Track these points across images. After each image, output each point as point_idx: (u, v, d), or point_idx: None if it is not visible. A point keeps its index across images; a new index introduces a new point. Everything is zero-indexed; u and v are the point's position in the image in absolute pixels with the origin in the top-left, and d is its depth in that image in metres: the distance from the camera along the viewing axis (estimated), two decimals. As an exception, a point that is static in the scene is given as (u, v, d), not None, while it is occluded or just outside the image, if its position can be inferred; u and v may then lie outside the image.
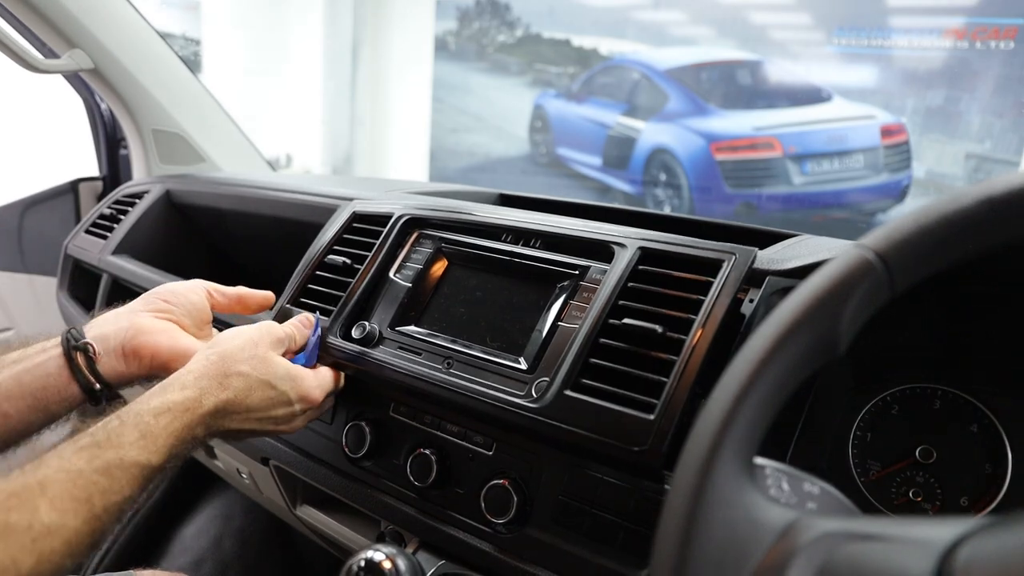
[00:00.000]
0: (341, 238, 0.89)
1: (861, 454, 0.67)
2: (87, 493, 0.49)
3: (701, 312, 0.61)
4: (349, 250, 0.87)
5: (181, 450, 0.58)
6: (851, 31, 3.05)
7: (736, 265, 0.63)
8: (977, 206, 0.37)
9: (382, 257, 0.83)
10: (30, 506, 0.46)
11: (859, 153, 3.15)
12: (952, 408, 0.66)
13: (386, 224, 0.86)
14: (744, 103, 3.36)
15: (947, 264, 0.38)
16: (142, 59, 1.33)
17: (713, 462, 0.34)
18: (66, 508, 0.48)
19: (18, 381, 0.64)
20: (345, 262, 0.85)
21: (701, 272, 0.64)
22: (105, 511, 0.50)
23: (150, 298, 0.73)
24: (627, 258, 0.68)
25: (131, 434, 0.54)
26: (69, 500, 0.48)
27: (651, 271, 0.67)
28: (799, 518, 0.34)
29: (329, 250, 0.88)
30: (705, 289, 0.63)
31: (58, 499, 0.48)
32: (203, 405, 0.59)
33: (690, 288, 0.64)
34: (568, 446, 0.62)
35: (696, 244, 0.67)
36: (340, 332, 0.78)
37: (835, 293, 0.36)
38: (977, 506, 0.62)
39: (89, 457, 0.51)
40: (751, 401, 0.35)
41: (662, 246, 0.68)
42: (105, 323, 0.69)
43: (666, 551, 0.33)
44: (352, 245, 0.88)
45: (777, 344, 0.35)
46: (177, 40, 4.04)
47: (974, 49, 2.78)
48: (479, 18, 4.33)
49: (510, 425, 0.65)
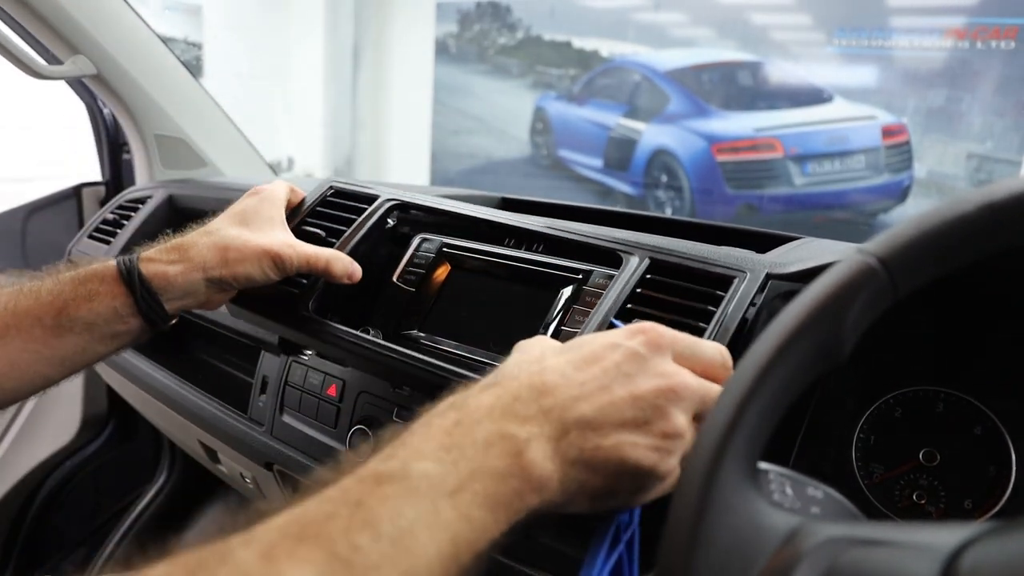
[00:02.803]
0: (315, 210, 0.87)
1: (864, 457, 0.67)
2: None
3: (712, 323, 0.61)
4: (323, 223, 0.84)
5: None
6: (852, 31, 3.05)
7: (748, 281, 0.63)
8: (979, 211, 0.37)
9: (359, 238, 0.81)
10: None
11: (860, 154, 3.15)
12: (955, 411, 0.65)
13: (370, 203, 0.85)
14: (745, 104, 3.36)
15: (949, 269, 0.38)
16: (144, 64, 1.33)
17: (717, 469, 0.34)
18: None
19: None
20: (318, 234, 0.82)
21: (711, 286, 0.64)
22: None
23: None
24: (634, 267, 0.68)
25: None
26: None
27: (659, 280, 0.67)
28: (803, 523, 0.34)
29: (303, 220, 0.85)
30: (715, 300, 0.63)
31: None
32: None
33: (699, 298, 0.64)
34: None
35: (707, 258, 0.67)
36: (313, 307, 0.77)
37: (837, 299, 0.36)
38: (981, 509, 0.62)
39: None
40: (754, 408, 0.35)
41: (672, 258, 0.68)
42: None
43: (671, 558, 0.34)
44: (325, 219, 0.85)
45: (780, 350, 0.36)
46: (179, 44, 4.05)
47: (975, 49, 2.78)
48: (480, 20, 4.33)
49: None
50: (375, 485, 0.36)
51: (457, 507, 0.36)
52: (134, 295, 0.65)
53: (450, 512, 0.36)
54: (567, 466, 0.40)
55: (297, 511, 0.34)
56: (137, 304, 0.65)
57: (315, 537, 0.33)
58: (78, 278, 0.65)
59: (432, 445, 0.38)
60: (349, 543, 0.33)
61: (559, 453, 0.40)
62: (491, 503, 0.37)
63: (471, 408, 0.41)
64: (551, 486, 0.40)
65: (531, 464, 0.39)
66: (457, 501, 0.36)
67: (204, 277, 0.68)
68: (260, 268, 0.69)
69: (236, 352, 1.12)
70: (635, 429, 0.42)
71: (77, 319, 0.64)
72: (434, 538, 0.35)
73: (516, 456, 0.39)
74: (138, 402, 1.28)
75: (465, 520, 0.36)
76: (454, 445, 0.38)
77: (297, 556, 0.32)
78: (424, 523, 0.35)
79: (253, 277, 0.69)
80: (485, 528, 0.37)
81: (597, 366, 0.44)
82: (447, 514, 0.36)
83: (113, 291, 0.65)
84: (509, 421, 0.40)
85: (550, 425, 0.41)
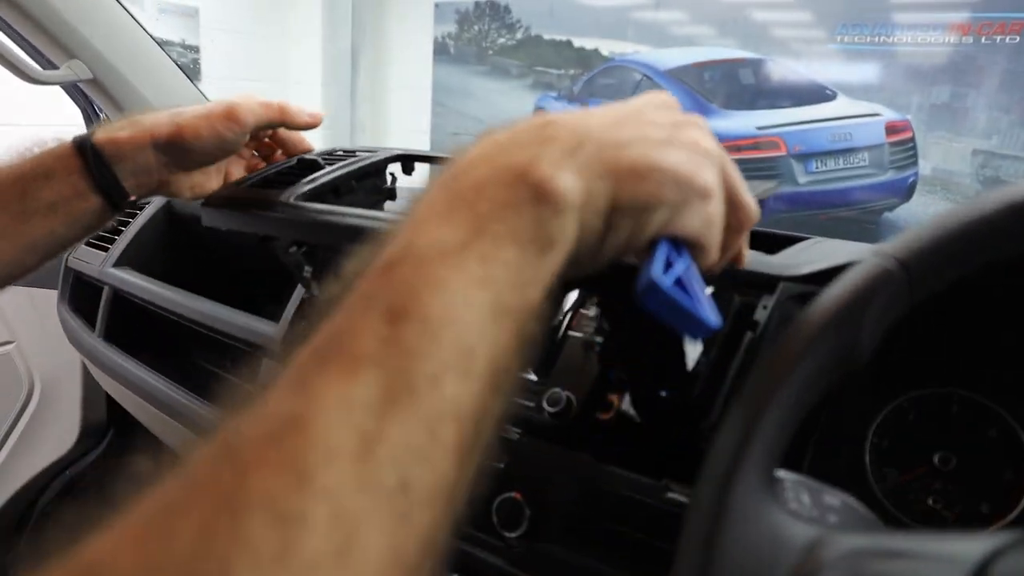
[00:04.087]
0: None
1: (878, 461, 0.66)
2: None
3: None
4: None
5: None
6: (854, 28, 3.04)
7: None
8: (999, 212, 0.36)
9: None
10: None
11: (864, 151, 3.14)
12: (970, 413, 0.64)
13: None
14: (747, 102, 3.35)
15: (968, 271, 0.37)
16: (140, 68, 1.32)
17: (734, 478, 0.33)
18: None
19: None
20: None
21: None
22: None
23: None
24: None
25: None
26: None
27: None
28: (823, 534, 0.33)
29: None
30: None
31: None
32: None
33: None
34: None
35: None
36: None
37: (857, 303, 0.36)
38: (999, 514, 0.61)
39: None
40: (772, 415, 0.34)
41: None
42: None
43: (687, 572, 0.33)
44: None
45: (799, 357, 0.35)
46: (175, 48, 4.05)
47: (979, 44, 2.77)
48: (479, 21, 4.33)
49: (522, 437, 0.64)
50: (390, 269, 0.30)
51: (483, 259, 0.31)
52: (88, 167, 0.63)
53: (477, 268, 0.30)
54: (589, 179, 0.34)
55: (322, 332, 0.29)
56: (93, 177, 0.63)
57: (351, 356, 0.27)
58: (36, 157, 0.64)
59: (435, 211, 0.33)
60: (392, 349, 0.28)
61: (575, 164, 0.34)
62: (514, 239, 0.31)
63: (464, 163, 0.35)
64: (573, 201, 0.33)
65: (542, 180, 0.32)
66: (477, 253, 0.31)
67: (152, 142, 0.64)
68: (210, 125, 0.65)
69: (237, 359, 1.11)
70: (660, 144, 0.35)
71: (40, 200, 0.62)
72: (472, 300, 0.30)
73: (519, 178, 0.32)
74: (137, 410, 1.27)
75: (500, 265, 0.31)
76: (454, 199, 0.33)
77: (348, 374, 0.27)
78: (455, 289, 0.29)
79: (202, 135, 0.65)
80: (522, 269, 0.32)
81: (610, 112, 0.38)
82: (474, 271, 0.30)
83: (68, 166, 0.63)
84: (506, 155, 0.34)
85: (556, 144, 0.34)
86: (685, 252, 0.37)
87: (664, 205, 0.35)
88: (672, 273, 0.34)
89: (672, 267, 0.35)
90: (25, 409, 1.49)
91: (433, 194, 0.34)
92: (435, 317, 0.28)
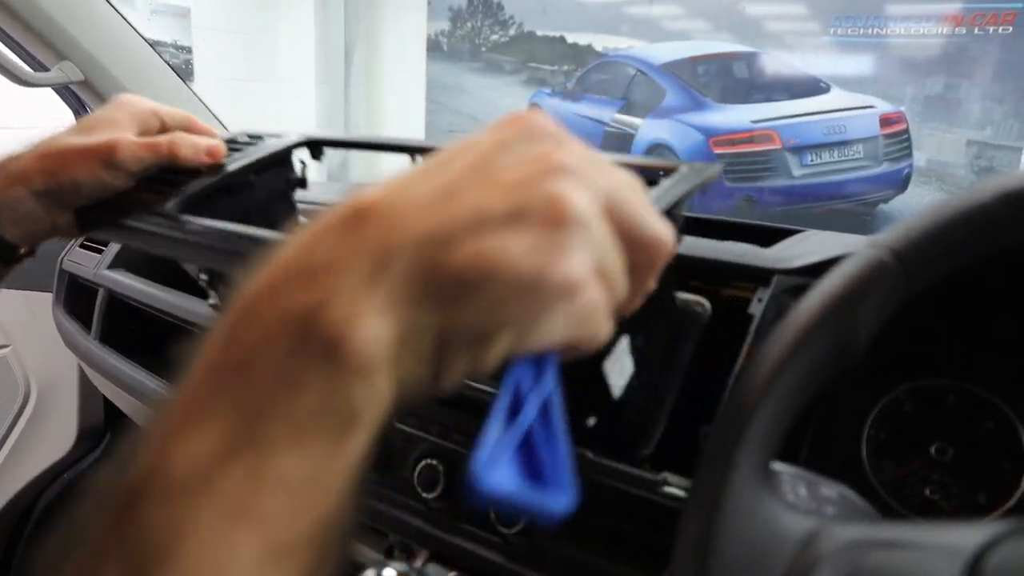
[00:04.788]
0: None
1: (875, 453, 0.66)
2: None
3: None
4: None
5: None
6: (848, 20, 3.05)
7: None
8: (994, 202, 0.36)
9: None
10: None
11: (859, 143, 3.14)
12: (967, 404, 0.64)
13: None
14: (741, 96, 3.36)
15: (964, 262, 0.37)
16: (133, 70, 1.32)
17: (731, 472, 0.33)
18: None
19: None
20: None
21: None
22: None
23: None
24: None
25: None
26: None
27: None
28: (820, 526, 0.33)
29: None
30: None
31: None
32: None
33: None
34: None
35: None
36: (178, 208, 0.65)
37: (852, 295, 0.36)
38: (996, 504, 0.61)
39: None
40: (768, 409, 0.34)
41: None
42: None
43: (686, 566, 0.33)
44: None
45: (793, 349, 0.34)
46: (167, 48, 4.04)
47: (972, 35, 2.78)
48: (472, 18, 4.32)
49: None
50: (126, 511, 0.24)
51: (251, 476, 0.23)
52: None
53: (241, 495, 0.23)
54: (404, 312, 0.25)
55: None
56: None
57: None
58: None
59: (195, 398, 0.25)
60: None
61: (383, 292, 0.24)
62: (297, 432, 0.24)
63: (248, 298, 0.26)
64: (380, 354, 0.24)
65: (335, 331, 0.24)
66: (243, 469, 0.23)
67: (28, 191, 0.58)
68: (88, 169, 0.59)
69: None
70: (503, 225, 0.26)
71: None
72: (236, 547, 0.23)
73: (305, 331, 0.24)
74: (134, 412, 1.26)
75: (274, 484, 0.23)
76: (221, 374, 0.25)
77: None
78: (210, 537, 0.23)
79: (81, 181, 0.59)
80: (312, 473, 0.24)
81: (447, 169, 0.28)
82: (236, 502, 0.23)
83: None
84: (292, 287, 0.25)
85: (358, 262, 0.25)
86: (552, 364, 0.28)
87: (507, 326, 0.26)
88: (514, 433, 0.26)
89: (519, 416, 0.26)
90: (22, 413, 1.48)
91: (201, 364, 0.26)
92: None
